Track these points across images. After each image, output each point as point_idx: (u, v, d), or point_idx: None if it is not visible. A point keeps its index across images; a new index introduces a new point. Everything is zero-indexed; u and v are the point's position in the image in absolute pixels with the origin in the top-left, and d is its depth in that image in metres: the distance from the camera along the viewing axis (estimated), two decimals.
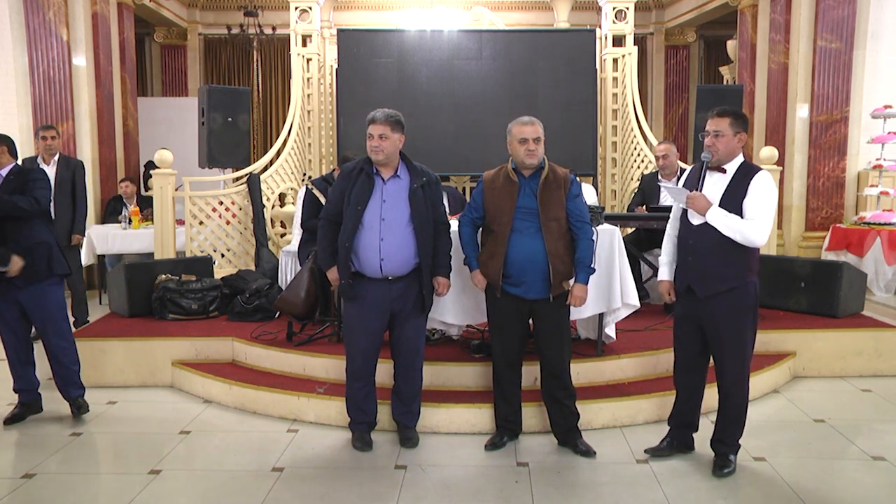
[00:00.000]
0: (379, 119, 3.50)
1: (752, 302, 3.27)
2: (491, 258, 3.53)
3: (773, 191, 3.22)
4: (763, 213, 3.16)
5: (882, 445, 3.71)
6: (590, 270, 3.55)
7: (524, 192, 3.49)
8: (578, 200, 3.54)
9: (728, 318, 3.27)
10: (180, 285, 5.18)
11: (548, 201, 3.47)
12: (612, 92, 7.99)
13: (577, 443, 3.62)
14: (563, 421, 3.66)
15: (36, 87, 7.24)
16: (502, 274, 3.49)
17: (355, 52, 7.52)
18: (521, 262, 3.46)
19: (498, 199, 3.53)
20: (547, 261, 3.44)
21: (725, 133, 3.22)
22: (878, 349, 4.84)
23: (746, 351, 3.31)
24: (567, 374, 3.64)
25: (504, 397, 3.73)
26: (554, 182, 3.50)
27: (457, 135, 7.58)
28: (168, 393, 4.55)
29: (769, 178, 3.18)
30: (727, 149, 3.24)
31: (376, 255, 3.49)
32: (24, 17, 7.09)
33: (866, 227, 7.21)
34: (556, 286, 3.48)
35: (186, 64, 11.85)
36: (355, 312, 3.60)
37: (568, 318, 3.65)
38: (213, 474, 3.42)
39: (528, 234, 3.46)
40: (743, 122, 3.25)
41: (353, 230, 3.50)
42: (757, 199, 3.17)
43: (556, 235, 3.47)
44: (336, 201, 3.60)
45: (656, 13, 12.00)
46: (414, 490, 3.23)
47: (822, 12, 7.80)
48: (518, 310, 3.56)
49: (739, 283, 3.23)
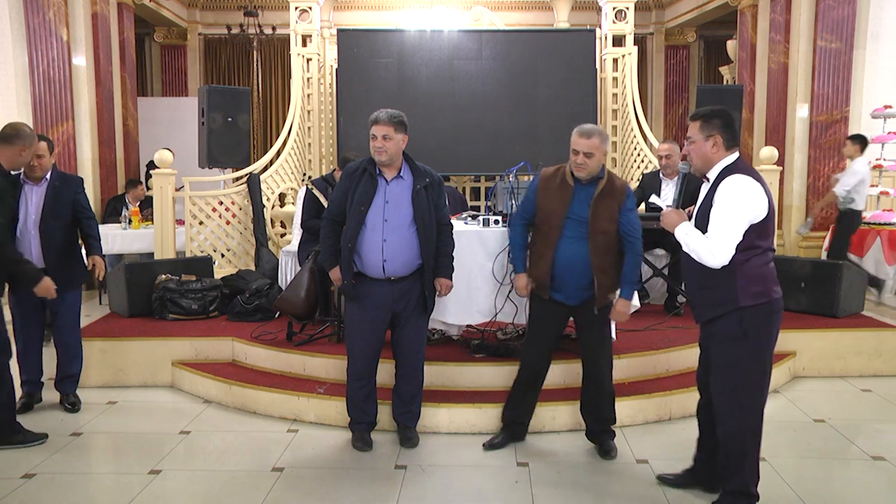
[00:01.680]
0: (382, 119, 3.48)
1: (748, 330, 2.78)
2: (539, 260, 3.49)
3: (739, 199, 2.73)
4: (719, 227, 2.72)
5: (882, 445, 3.71)
6: (634, 286, 3.48)
7: (578, 198, 3.40)
8: (632, 215, 3.44)
9: (717, 348, 2.89)
10: (180, 285, 5.18)
11: (600, 212, 3.38)
12: (612, 92, 7.98)
13: (604, 442, 3.61)
14: (597, 424, 3.65)
15: (36, 86, 7.24)
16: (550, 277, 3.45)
17: (355, 52, 7.52)
18: (566, 269, 3.40)
19: (551, 201, 3.46)
20: (591, 270, 3.37)
21: (696, 138, 2.88)
22: (878, 349, 4.84)
23: (738, 388, 2.83)
24: (608, 380, 3.60)
25: (521, 401, 3.70)
26: (609, 194, 3.40)
27: (457, 135, 7.58)
28: (168, 393, 4.55)
29: (736, 185, 2.73)
30: (699, 155, 2.88)
31: (379, 255, 3.48)
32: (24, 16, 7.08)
33: (866, 227, 7.21)
34: (600, 298, 3.41)
35: (186, 64, 11.86)
36: (357, 312, 3.60)
37: (609, 323, 3.60)
38: (213, 474, 3.42)
39: (576, 241, 3.39)
40: (717, 122, 2.84)
41: (356, 231, 3.49)
42: (717, 211, 2.75)
43: (604, 248, 3.38)
44: (339, 202, 3.59)
45: (656, 13, 12.01)
46: (414, 490, 3.23)
47: (822, 12, 7.80)
48: (558, 314, 3.53)
49: (726, 309, 2.80)
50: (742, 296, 2.76)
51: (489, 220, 4.18)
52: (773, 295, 2.81)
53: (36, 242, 3.98)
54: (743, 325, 2.78)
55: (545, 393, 4.02)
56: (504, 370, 4.15)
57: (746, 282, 2.76)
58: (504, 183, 4.27)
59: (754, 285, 2.77)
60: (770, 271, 2.83)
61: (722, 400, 2.89)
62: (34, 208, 3.99)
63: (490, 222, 4.17)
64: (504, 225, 4.13)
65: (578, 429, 3.86)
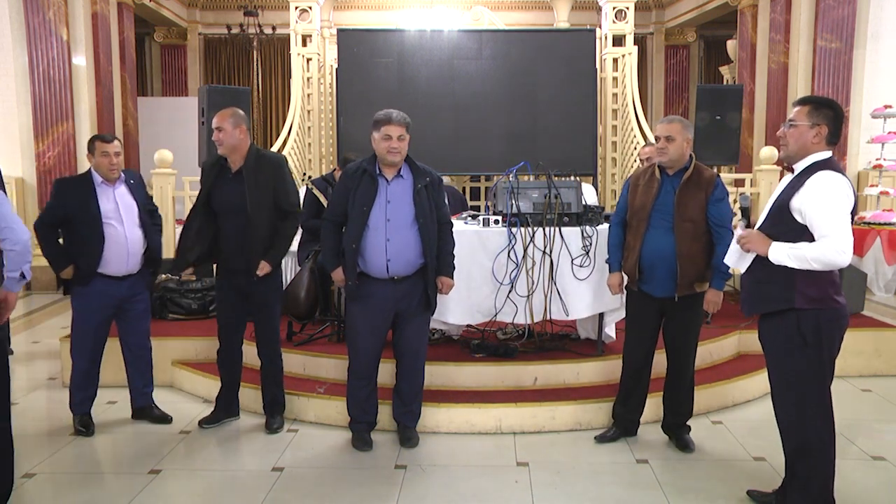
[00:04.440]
0: (396, 120, 3.48)
1: (806, 335, 2.68)
2: (630, 253, 3.55)
3: (841, 195, 2.61)
4: (834, 222, 2.57)
5: (882, 445, 3.71)
6: (726, 276, 3.46)
7: (665, 189, 3.45)
8: (722, 205, 3.42)
9: (775, 352, 2.80)
10: (180, 285, 5.18)
11: (686, 201, 3.40)
12: (611, 92, 7.98)
13: (681, 435, 3.64)
14: (675, 417, 3.67)
15: (36, 86, 7.25)
16: (638, 269, 3.49)
17: (355, 52, 7.51)
18: (652, 259, 3.44)
19: (640, 196, 3.53)
20: (676, 260, 3.39)
21: (800, 123, 2.72)
22: (877, 349, 4.84)
23: (801, 398, 2.73)
24: (690, 373, 3.62)
25: (629, 397, 3.73)
26: (696, 183, 3.42)
27: (456, 135, 7.57)
28: (168, 393, 4.55)
29: (835, 181, 2.60)
30: (798, 140, 2.73)
31: (382, 255, 3.48)
32: (24, 16, 7.10)
33: (866, 227, 7.21)
34: (682, 287, 3.42)
35: (186, 63, 11.87)
36: (359, 312, 3.60)
37: (699, 322, 3.60)
38: (213, 474, 3.42)
39: (663, 231, 3.42)
40: (828, 113, 2.71)
41: (359, 231, 3.48)
42: (823, 206, 2.61)
43: (691, 237, 3.38)
44: (339, 203, 3.59)
45: (656, 13, 12.02)
46: (414, 490, 3.23)
47: (822, 12, 7.80)
48: (649, 307, 3.55)
49: (779, 307, 2.71)
50: (799, 297, 2.66)
51: (489, 219, 4.19)
52: (832, 303, 2.69)
53: (140, 244, 3.87)
54: (802, 331, 2.68)
55: (545, 393, 4.04)
56: (504, 370, 4.16)
57: (805, 284, 2.65)
58: (504, 182, 4.27)
59: (812, 289, 2.66)
60: (832, 277, 2.69)
61: (784, 410, 2.82)
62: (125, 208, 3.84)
63: (490, 222, 4.18)
64: (504, 225, 4.14)
65: (579, 429, 3.87)
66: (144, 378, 4.08)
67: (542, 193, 4.17)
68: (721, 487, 3.23)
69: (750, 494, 3.14)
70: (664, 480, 3.30)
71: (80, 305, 3.86)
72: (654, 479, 3.31)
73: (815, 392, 2.73)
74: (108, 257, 3.75)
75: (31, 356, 5.40)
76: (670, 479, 3.32)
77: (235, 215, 3.69)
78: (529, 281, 4.12)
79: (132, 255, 3.82)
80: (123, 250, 3.78)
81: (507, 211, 4.15)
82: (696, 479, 3.32)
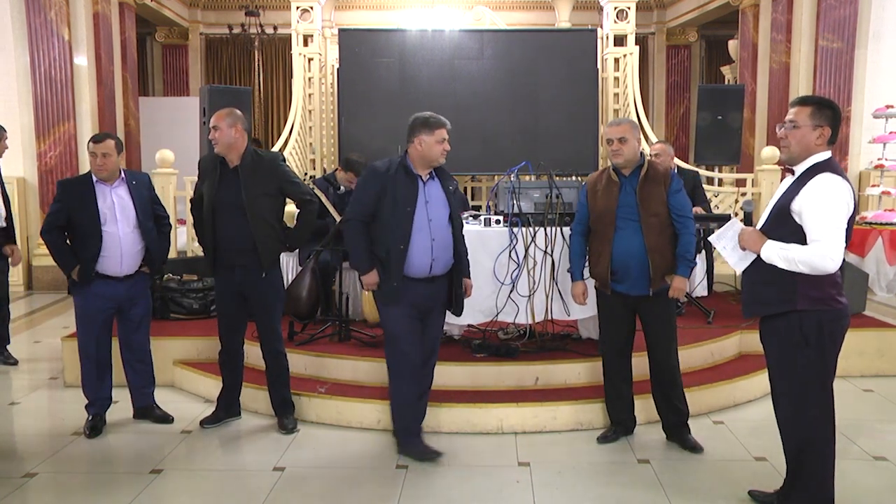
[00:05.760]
0: (447, 124, 3.56)
1: (808, 336, 2.66)
2: (598, 258, 3.57)
3: (838, 198, 2.60)
4: (827, 227, 2.57)
5: (884, 445, 3.70)
6: (690, 264, 3.52)
7: (625, 190, 3.50)
8: (679, 195, 3.52)
9: (776, 353, 2.79)
10: (182, 285, 5.19)
11: (647, 198, 3.46)
12: (613, 92, 7.98)
13: (685, 438, 3.63)
14: (672, 417, 3.67)
15: (37, 86, 7.26)
16: (610, 271, 3.51)
17: (357, 52, 7.52)
18: (625, 259, 3.47)
19: (601, 201, 3.55)
20: (647, 256, 3.44)
21: (802, 125, 2.70)
22: (879, 349, 4.84)
23: (802, 398, 2.72)
24: (675, 369, 3.63)
25: (617, 398, 3.73)
26: (653, 178, 3.50)
27: (457, 135, 7.49)
28: (169, 392, 4.55)
29: (833, 184, 2.58)
30: (800, 142, 2.71)
31: (428, 255, 3.43)
32: (26, 16, 7.10)
33: (868, 227, 7.20)
34: (655, 280, 3.46)
35: (188, 63, 11.88)
36: (401, 315, 3.46)
37: (674, 313, 3.64)
38: (214, 474, 3.42)
39: (630, 231, 3.47)
40: (830, 114, 2.71)
41: (407, 232, 3.40)
42: (817, 210, 2.61)
43: (657, 231, 3.46)
44: (368, 203, 3.45)
45: (658, 13, 12.01)
46: (415, 490, 3.23)
47: (824, 12, 7.80)
48: (624, 306, 3.57)
49: (781, 309, 2.69)
50: (801, 299, 2.64)
51: (490, 219, 4.18)
52: (834, 304, 2.67)
53: (134, 245, 3.85)
54: (804, 331, 2.66)
55: (546, 393, 4.04)
56: (505, 370, 4.16)
57: (806, 286, 2.63)
58: (506, 182, 4.27)
59: (814, 289, 2.64)
60: (833, 277, 2.66)
61: (785, 410, 2.80)
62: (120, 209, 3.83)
63: (491, 222, 4.18)
64: (505, 225, 4.14)
65: (580, 429, 3.87)
66: (144, 379, 4.08)
67: (544, 193, 4.17)
68: (722, 487, 3.23)
69: (751, 494, 3.13)
70: (665, 480, 3.30)
71: (80, 305, 3.87)
72: (655, 479, 3.31)
73: (817, 392, 2.72)
74: (105, 257, 3.77)
75: (33, 356, 5.40)
76: (671, 479, 3.32)
77: (233, 213, 3.69)
78: (531, 281, 4.12)
79: (126, 255, 3.82)
80: (117, 251, 3.79)
81: (509, 211, 4.15)
82: (698, 480, 3.32)
